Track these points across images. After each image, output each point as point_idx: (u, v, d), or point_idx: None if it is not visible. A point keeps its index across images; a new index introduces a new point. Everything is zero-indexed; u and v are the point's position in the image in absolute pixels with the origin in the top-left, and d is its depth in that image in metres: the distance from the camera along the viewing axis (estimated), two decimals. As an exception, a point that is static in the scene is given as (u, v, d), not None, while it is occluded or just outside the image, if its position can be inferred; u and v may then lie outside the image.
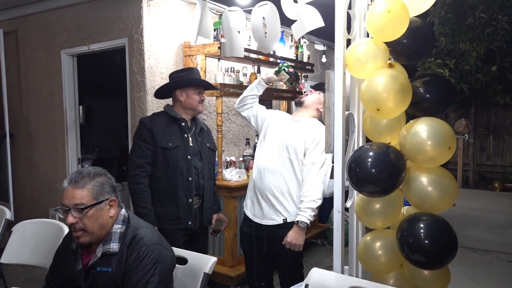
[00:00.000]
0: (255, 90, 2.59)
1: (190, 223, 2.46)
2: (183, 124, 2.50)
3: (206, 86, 2.63)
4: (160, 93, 2.63)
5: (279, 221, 2.38)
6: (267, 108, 2.74)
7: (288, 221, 2.36)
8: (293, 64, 2.41)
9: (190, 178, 2.46)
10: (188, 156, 2.47)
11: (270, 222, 2.40)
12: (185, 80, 2.51)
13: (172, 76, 2.60)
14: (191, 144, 2.51)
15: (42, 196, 4.62)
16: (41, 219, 2.46)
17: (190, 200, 2.46)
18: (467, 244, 4.70)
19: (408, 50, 1.86)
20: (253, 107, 2.63)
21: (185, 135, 2.49)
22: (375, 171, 1.68)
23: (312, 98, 2.55)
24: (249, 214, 2.52)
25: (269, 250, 2.46)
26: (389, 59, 1.89)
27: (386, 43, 1.84)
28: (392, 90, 1.72)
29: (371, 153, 1.72)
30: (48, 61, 4.37)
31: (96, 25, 3.90)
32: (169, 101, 2.63)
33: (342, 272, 1.90)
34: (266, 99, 4.46)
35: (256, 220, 2.46)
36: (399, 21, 1.73)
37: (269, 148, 2.47)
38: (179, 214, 2.43)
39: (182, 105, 2.52)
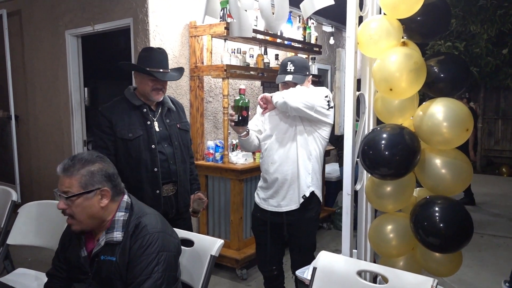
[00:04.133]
0: (242, 141, 2.47)
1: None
2: (144, 110, 2.29)
3: (149, 75, 2.25)
4: (123, 68, 2.44)
5: (298, 204, 2.36)
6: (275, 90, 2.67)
7: (307, 195, 2.35)
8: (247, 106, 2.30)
9: (155, 169, 2.28)
10: (152, 146, 2.28)
11: (288, 208, 2.38)
12: (134, 65, 2.23)
13: (139, 53, 2.33)
14: (157, 130, 2.31)
15: (48, 178, 4.62)
16: (47, 200, 2.45)
17: (157, 191, 2.30)
18: (475, 229, 4.66)
19: (423, 28, 1.79)
20: (255, 139, 2.52)
21: (148, 122, 2.29)
22: (389, 154, 1.63)
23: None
24: (263, 205, 2.47)
25: (287, 233, 2.44)
26: (402, 37, 1.83)
27: (400, 20, 1.77)
28: (406, 69, 1.66)
29: (385, 135, 1.67)
30: (52, 42, 4.32)
31: (100, 4, 3.83)
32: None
33: (351, 256, 1.88)
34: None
35: (273, 209, 2.42)
36: (414, -4, 1.66)
37: (272, 135, 2.41)
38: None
39: (138, 89, 2.32)
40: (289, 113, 2.28)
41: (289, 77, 2.36)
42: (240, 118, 2.28)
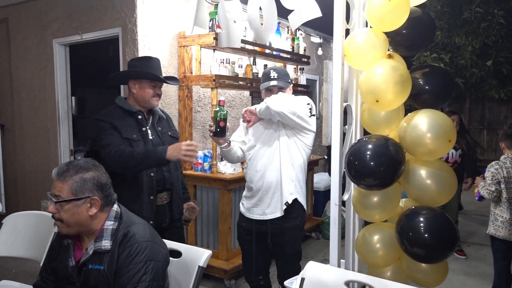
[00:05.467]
0: (224, 152, 2.51)
1: (151, 222, 2.26)
2: (139, 117, 2.33)
3: (160, 81, 2.39)
4: (115, 80, 2.47)
5: (282, 212, 2.37)
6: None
7: (289, 202, 2.36)
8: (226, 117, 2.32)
9: (152, 174, 2.30)
10: None
11: (273, 216, 2.39)
12: (138, 71, 2.31)
13: (130, 63, 2.40)
14: (150, 137, 2.34)
15: (33, 188, 4.56)
16: (33, 211, 2.43)
17: (151, 197, 2.31)
18: (461, 239, 4.71)
19: (408, 41, 1.83)
20: (238, 150, 2.54)
21: (143, 129, 2.32)
22: (374, 164, 1.66)
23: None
24: (248, 214, 2.47)
25: (272, 242, 2.44)
26: (388, 50, 1.86)
27: (385, 33, 1.80)
28: (392, 81, 1.69)
29: (370, 146, 1.70)
30: (39, 50, 4.29)
31: (89, 14, 3.83)
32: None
33: (339, 266, 1.89)
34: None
35: (258, 218, 2.43)
36: (400, 10, 1.69)
37: (256, 144, 2.43)
38: (142, 212, 2.23)
39: (134, 96, 2.34)
40: (273, 119, 2.32)
41: (274, 82, 2.41)
42: (218, 129, 2.31)
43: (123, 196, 2.22)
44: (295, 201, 2.38)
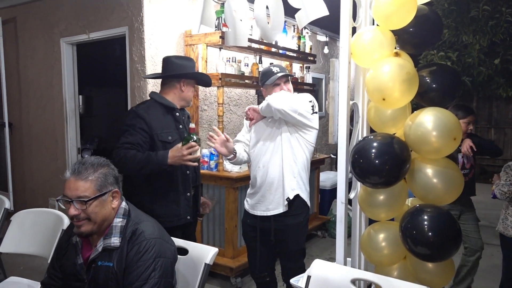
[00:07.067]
0: (231, 162, 2.53)
1: (188, 217, 2.38)
2: (177, 114, 2.37)
3: (209, 84, 2.57)
4: (163, 77, 2.49)
5: (284, 207, 2.38)
6: None
7: (290, 198, 2.36)
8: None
9: (188, 172, 2.38)
10: None
11: (276, 212, 2.40)
12: (199, 74, 2.44)
13: (173, 61, 2.39)
14: (185, 135, 2.36)
15: (41, 185, 4.60)
16: (40, 208, 2.45)
17: (188, 194, 2.39)
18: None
19: (415, 39, 1.82)
20: (244, 156, 2.56)
21: (180, 126, 2.37)
22: (379, 162, 1.65)
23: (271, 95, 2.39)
24: (252, 211, 2.49)
25: (275, 239, 2.45)
26: (395, 48, 1.85)
27: (392, 31, 1.80)
28: (398, 80, 1.68)
29: (374, 144, 1.69)
30: (47, 49, 4.33)
31: (96, 13, 3.85)
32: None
33: (345, 264, 1.89)
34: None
35: (262, 214, 2.44)
36: (407, 8, 1.69)
37: (259, 141, 2.45)
38: (180, 210, 2.34)
39: (180, 95, 2.37)
40: (274, 116, 2.33)
41: (281, 73, 2.42)
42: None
43: (158, 197, 2.28)
44: (297, 197, 2.38)
